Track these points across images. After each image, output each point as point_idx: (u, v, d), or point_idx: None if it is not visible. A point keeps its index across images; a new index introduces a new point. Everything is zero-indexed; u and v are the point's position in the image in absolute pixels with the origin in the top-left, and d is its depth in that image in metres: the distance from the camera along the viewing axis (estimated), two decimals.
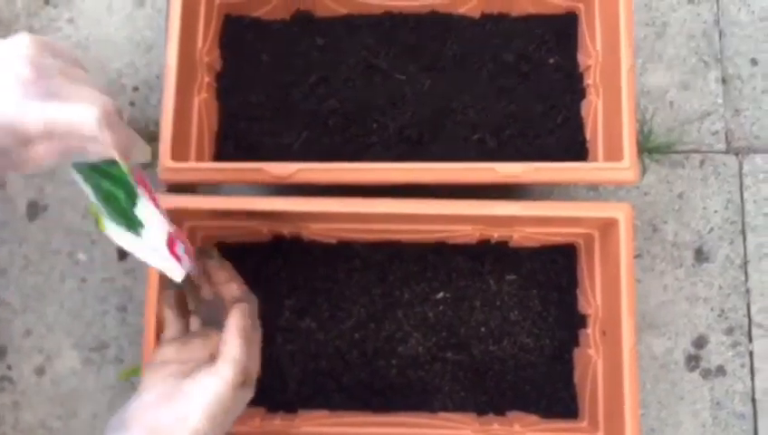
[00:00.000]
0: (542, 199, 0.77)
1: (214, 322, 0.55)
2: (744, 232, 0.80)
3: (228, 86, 0.72)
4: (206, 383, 0.49)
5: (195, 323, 0.57)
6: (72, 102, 0.42)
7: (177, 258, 0.49)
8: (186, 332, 0.55)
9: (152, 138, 0.78)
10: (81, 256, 0.79)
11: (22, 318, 0.79)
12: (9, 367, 0.78)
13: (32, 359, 0.78)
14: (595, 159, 0.67)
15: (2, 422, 0.77)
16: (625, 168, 0.61)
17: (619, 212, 0.61)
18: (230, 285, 0.55)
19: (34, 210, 0.80)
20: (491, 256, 0.69)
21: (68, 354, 0.78)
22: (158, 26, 0.84)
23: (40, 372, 0.78)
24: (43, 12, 0.85)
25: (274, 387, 0.67)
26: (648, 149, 0.80)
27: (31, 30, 0.84)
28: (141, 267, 0.77)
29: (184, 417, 0.47)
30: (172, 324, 0.55)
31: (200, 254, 0.55)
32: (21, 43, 0.43)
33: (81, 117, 0.41)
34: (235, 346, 0.50)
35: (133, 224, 0.48)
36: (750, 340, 0.78)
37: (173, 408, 0.48)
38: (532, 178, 0.61)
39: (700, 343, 0.78)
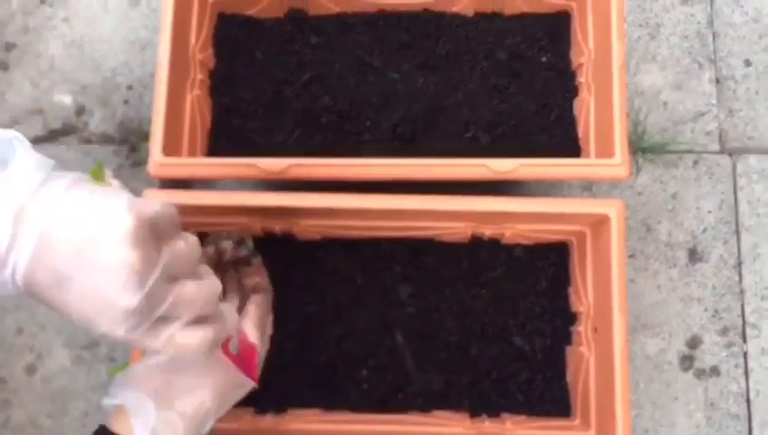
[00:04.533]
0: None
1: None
2: (737, 232, 0.80)
3: (221, 83, 0.72)
4: (217, 365, 0.50)
5: None
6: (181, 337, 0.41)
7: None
8: None
9: (146, 137, 0.78)
10: None
11: (13, 316, 0.78)
12: (0, 365, 0.78)
13: (23, 357, 0.78)
14: (587, 157, 0.67)
15: None
16: (616, 164, 0.61)
17: (611, 208, 0.61)
18: (253, 275, 0.60)
19: None
20: (483, 252, 0.69)
21: (59, 353, 0.78)
22: (153, 26, 0.84)
23: (31, 370, 0.78)
24: (38, 11, 0.85)
25: (264, 385, 0.67)
26: (642, 148, 0.81)
27: (26, 30, 0.84)
28: None
29: (191, 389, 0.49)
30: None
31: (236, 242, 0.58)
32: (121, 228, 0.37)
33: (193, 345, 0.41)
34: (251, 336, 0.52)
35: None
36: (744, 340, 0.78)
37: (182, 378, 0.49)
38: (524, 174, 0.61)
39: (694, 343, 0.78)
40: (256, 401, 0.66)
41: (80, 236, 0.36)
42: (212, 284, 0.43)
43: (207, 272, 0.44)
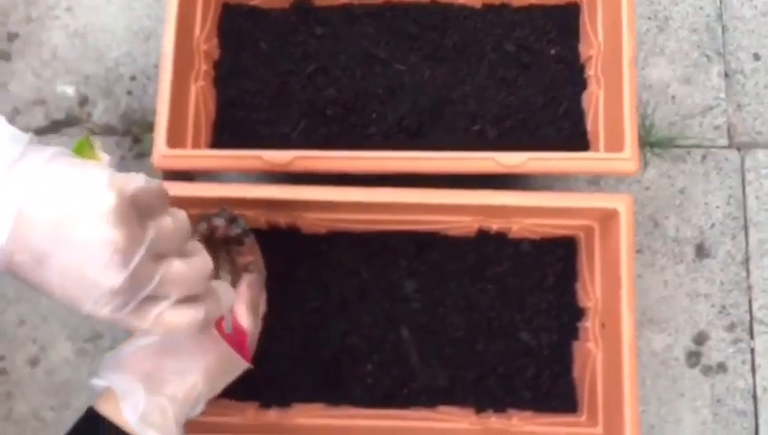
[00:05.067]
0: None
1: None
2: (745, 228, 0.79)
3: (226, 74, 0.71)
4: (210, 347, 0.49)
5: None
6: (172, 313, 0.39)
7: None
8: None
9: (149, 128, 0.78)
10: None
11: (16, 308, 0.78)
12: (2, 357, 0.77)
13: (26, 349, 0.77)
14: (596, 151, 0.66)
15: None
16: (626, 158, 0.60)
17: (620, 203, 0.60)
18: (246, 255, 0.57)
19: None
20: (490, 247, 0.68)
21: (62, 345, 0.77)
22: (157, 15, 0.84)
23: (34, 362, 0.77)
24: (41, 0, 0.84)
25: (268, 379, 0.66)
26: (650, 143, 0.80)
27: (29, 19, 0.84)
28: None
29: (182, 372, 0.48)
30: None
31: (228, 220, 0.56)
32: (102, 205, 0.35)
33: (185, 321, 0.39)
34: (242, 319, 0.51)
35: None
36: (751, 336, 0.77)
37: (172, 361, 0.48)
38: (532, 168, 0.60)
39: (701, 339, 0.77)
40: (260, 395, 0.66)
41: (59, 214, 0.34)
42: (203, 261, 0.41)
43: (198, 249, 0.42)
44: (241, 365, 0.53)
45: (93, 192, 0.35)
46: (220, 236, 0.56)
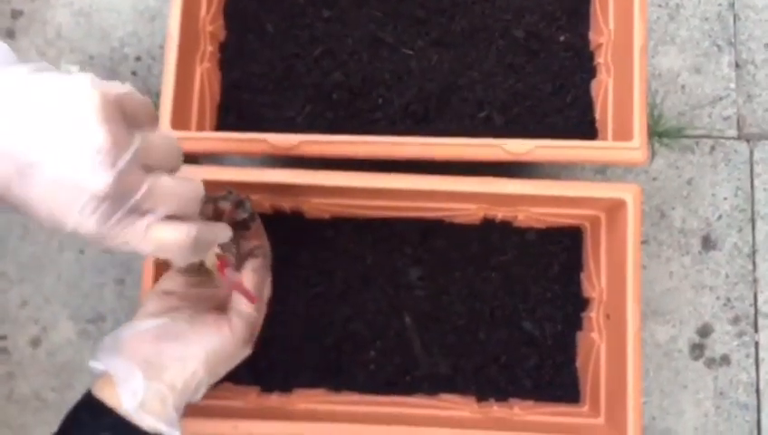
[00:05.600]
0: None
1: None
2: (753, 220, 0.79)
3: (231, 56, 0.71)
4: (211, 333, 0.48)
5: None
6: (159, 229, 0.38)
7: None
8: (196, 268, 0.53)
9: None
10: None
11: (18, 288, 0.78)
12: (4, 337, 0.77)
13: (28, 329, 0.77)
14: (604, 140, 0.66)
15: None
16: (634, 147, 0.59)
17: (627, 193, 0.60)
18: (251, 239, 0.55)
19: None
20: (495, 235, 0.68)
21: (64, 326, 0.77)
22: None
23: (36, 343, 0.77)
24: None
25: (271, 364, 0.66)
26: (658, 133, 0.79)
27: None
28: None
29: (182, 359, 0.47)
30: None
31: (235, 204, 0.54)
32: (86, 104, 0.35)
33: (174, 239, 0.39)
34: (246, 304, 0.50)
35: None
36: (756, 330, 0.77)
37: (172, 347, 0.47)
38: (539, 156, 0.59)
39: (705, 331, 0.77)
40: (262, 380, 0.66)
41: (42, 117, 0.34)
42: (194, 183, 0.41)
43: (189, 177, 0.41)
44: (242, 352, 0.52)
45: (77, 93, 0.35)
46: (226, 219, 0.56)
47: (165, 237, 0.38)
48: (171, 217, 0.39)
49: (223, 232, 0.46)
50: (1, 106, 0.34)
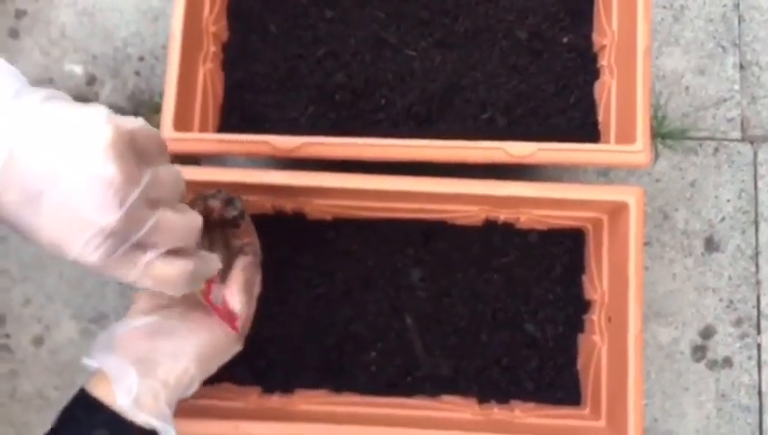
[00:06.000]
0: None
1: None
2: (756, 222, 0.78)
3: (234, 57, 0.71)
4: (202, 329, 0.49)
5: None
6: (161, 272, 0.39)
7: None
8: None
9: (157, 109, 0.77)
10: None
11: (21, 287, 0.78)
12: (7, 335, 0.77)
13: (30, 328, 0.78)
14: (607, 142, 0.65)
15: None
16: (637, 150, 0.59)
17: (629, 196, 0.60)
18: (241, 236, 0.56)
19: None
20: (497, 237, 0.68)
21: (67, 325, 0.77)
22: None
23: (38, 341, 0.77)
24: None
25: (272, 365, 0.66)
26: (662, 134, 0.79)
27: None
28: None
29: (174, 355, 0.48)
30: None
31: (225, 202, 0.54)
32: (99, 139, 0.35)
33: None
34: (237, 301, 0.50)
35: None
36: (758, 332, 0.77)
37: (165, 344, 0.48)
38: (542, 158, 0.59)
39: (707, 333, 0.77)
40: (263, 381, 0.66)
41: (54, 149, 0.34)
42: (194, 217, 0.41)
43: (188, 208, 0.42)
44: (233, 348, 0.53)
45: (90, 128, 0.35)
46: (216, 217, 0.55)
47: (165, 274, 0.39)
48: (170, 251, 0.39)
49: (215, 263, 0.46)
50: (12, 134, 0.34)
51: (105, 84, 0.82)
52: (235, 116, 0.69)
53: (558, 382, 0.66)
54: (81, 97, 0.81)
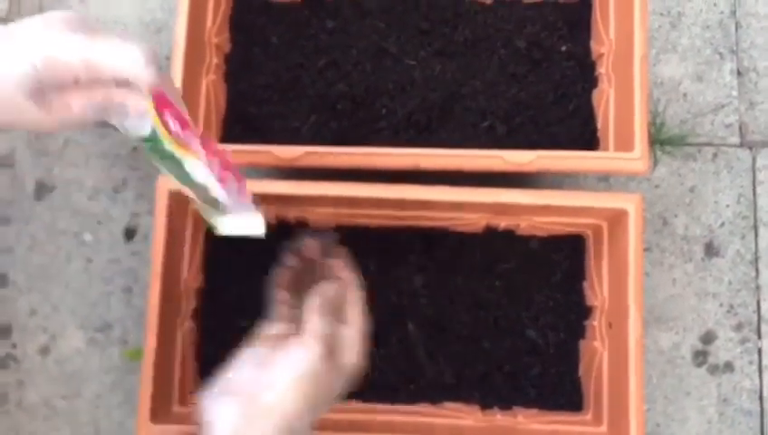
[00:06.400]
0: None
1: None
2: (755, 227, 0.79)
3: (237, 68, 0.72)
4: (291, 352, 0.48)
5: None
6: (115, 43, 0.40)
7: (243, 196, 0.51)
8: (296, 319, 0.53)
9: None
10: (88, 237, 0.79)
11: (27, 297, 0.79)
12: (14, 345, 0.78)
13: (37, 338, 0.78)
14: (606, 149, 0.66)
15: (6, 400, 0.77)
16: (636, 158, 0.60)
17: (629, 203, 0.60)
18: (332, 269, 0.55)
19: (42, 190, 0.80)
20: (498, 244, 0.68)
21: (73, 334, 0.78)
22: (169, 7, 0.84)
23: (44, 351, 0.78)
24: None
25: None
26: (660, 141, 0.79)
27: (41, 10, 0.84)
28: (147, 249, 0.77)
29: (271, 383, 0.47)
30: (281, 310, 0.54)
31: (319, 235, 0.55)
32: (56, 13, 0.41)
33: (125, 53, 0.40)
34: (312, 321, 0.49)
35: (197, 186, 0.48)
36: (759, 336, 0.77)
37: (263, 375, 0.47)
38: (541, 166, 0.60)
39: (708, 338, 0.77)
40: None
41: None
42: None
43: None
44: (338, 379, 0.51)
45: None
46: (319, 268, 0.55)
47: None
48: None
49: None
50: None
51: None
52: (237, 126, 0.70)
53: (560, 388, 0.66)
54: None
